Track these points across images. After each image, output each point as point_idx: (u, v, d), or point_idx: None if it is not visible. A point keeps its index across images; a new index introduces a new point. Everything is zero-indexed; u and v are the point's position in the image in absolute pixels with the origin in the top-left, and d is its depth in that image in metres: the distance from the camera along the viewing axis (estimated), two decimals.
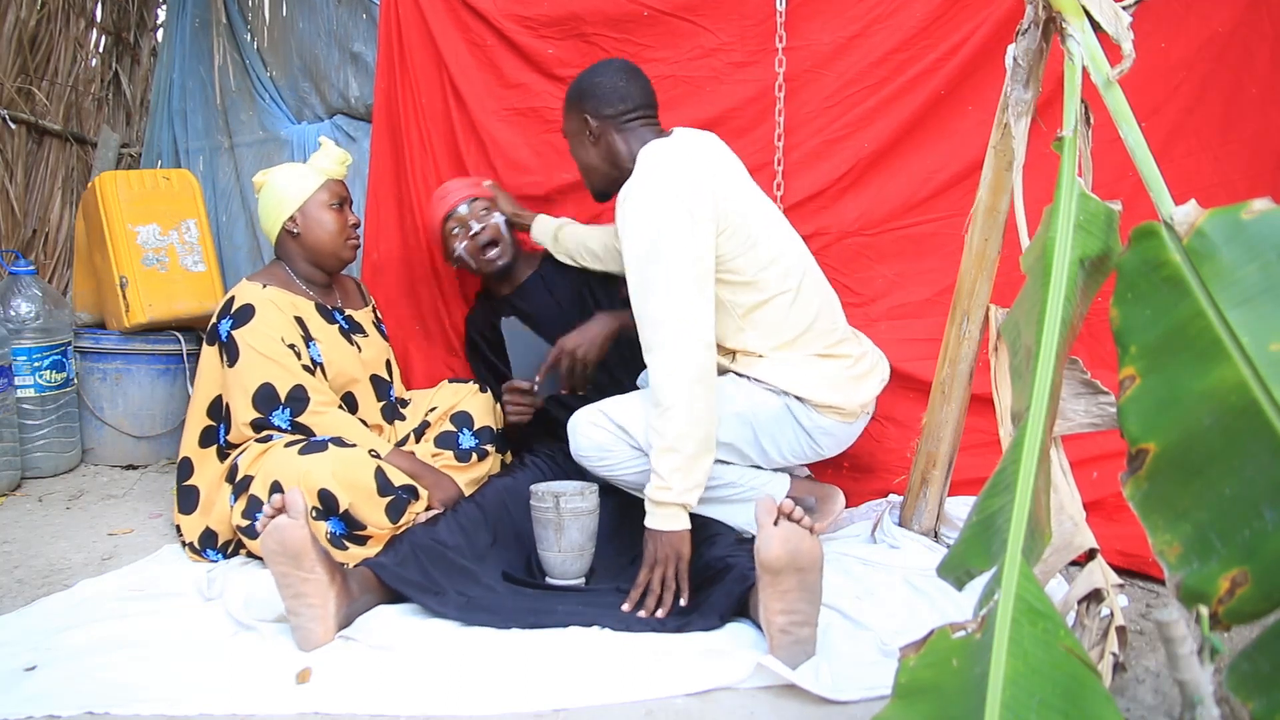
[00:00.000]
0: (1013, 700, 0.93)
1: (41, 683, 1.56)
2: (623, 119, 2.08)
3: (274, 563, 1.68)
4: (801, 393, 2.02)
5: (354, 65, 3.19)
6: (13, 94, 3.53)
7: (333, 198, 2.30)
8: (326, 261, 2.33)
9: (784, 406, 2.03)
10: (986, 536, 1.10)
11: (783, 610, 1.57)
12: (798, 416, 2.04)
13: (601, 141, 2.08)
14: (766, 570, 1.56)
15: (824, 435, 2.08)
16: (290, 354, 2.17)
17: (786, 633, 1.57)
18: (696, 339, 1.86)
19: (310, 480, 1.98)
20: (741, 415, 2.01)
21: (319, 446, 2.04)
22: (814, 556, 1.56)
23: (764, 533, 1.56)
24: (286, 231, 2.30)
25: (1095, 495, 2.09)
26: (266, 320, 2.19)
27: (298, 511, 1.67)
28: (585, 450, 2.04)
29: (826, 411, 2.05)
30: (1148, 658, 1.64)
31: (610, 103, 2.07)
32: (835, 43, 2.51)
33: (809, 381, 2.03)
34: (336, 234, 2.30)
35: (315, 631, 1.69)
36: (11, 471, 2.76)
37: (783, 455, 2.10)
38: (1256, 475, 1.01)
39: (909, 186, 2.50)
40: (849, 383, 2.08)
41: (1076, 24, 1.46)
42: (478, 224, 2.46)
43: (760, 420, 2.03)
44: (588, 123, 2.08)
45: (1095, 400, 1.38)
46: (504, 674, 1.60)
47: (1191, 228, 1.14)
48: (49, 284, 3.35)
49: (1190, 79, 2.31)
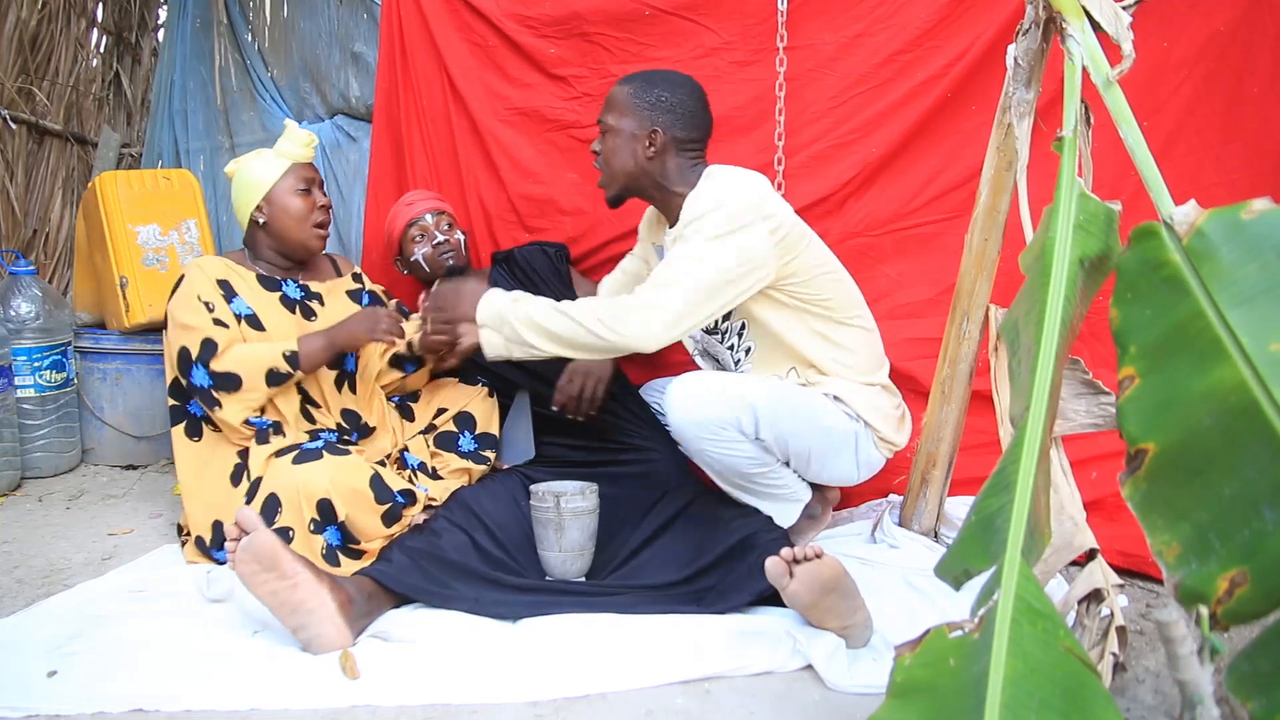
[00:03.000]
0: (1013, 700, 0.93)
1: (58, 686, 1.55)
2: (690, 145, 2.06)
3: (257, 583, 1.63)
4: (875, 422, 2.06)
5: (355, 65, 3.19)
6: (13, 94, 3.53)
7: (300, 181, 2.25)
8: (294, 251, 2.29)
9: (854, 433, 2.05)
10: (985, 536, 1.10)
11: (834, 618, 1.66)
12: (859, 445, 2.07)
13: (659, 157, 2.04)
14: (807, 609, 1.65)
15: (866, 469, 2.13)
16: (203, 310, 2.14)
17: (846, 627, 1.66)
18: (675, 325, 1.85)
19: (308, 490, 1.95)
20: (825, 428, 2.03)
21: (313, 455, 2.01)
22: (837, 575, 1.64)
23: (790, 589, 1.63)
24: (254, 222, 2.27)
25: (1095, 495, 2.09)
26: (188, 282, 2.18)
27: (255, 523, 1.65)
28: (689, 421, 1.95)
29: (882, 445, 2.10)
30: (1148, 658, 1.64)
31: (690, 127, 2.05)
32: (838, 42, 2.51)
33: (880, 414, 2.08)
34: (303, 218, 2.24)
35: (327, 633, 1.65)
36: (11, 471, 2.76)
37: (824, 476, 2.13)
38: (1256, 475, 1.01)
39: (912, 187, 2.50)
40: (898, 420, 2.15)
41: (1076, 24, 1.46)
42: (442, 235, 2.51)
43: (830, 440, 2.05)
44: (656, 134, 2.02)
45: (1095, 400, 1.38)
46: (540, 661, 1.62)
47: (1191, 228, 1.14)
48: (49, 284, 3.35)
49: (1192, 78, 2.31)
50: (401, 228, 2.54)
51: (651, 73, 2.14)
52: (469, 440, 2.37)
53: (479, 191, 2.79)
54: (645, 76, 2.10)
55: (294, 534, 1.95)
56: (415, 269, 2.55)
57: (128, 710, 1.48)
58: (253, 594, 1.65)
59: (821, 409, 2.02)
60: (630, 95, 2.05)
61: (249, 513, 1.67)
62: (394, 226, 2.56)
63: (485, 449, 2.37)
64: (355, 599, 1.73)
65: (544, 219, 2.75)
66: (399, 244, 2.56)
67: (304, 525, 1.95)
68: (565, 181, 2.71)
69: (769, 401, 1.94)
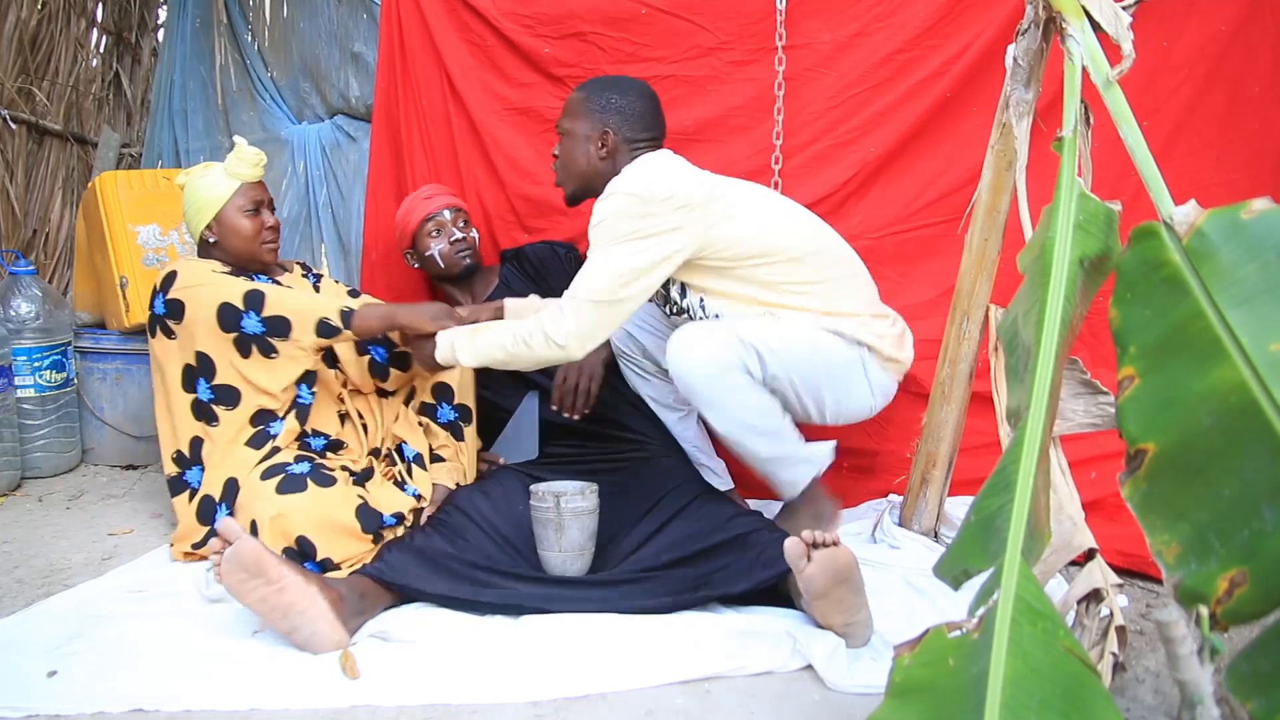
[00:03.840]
0: (1012, 700, 0.93)
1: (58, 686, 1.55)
2: (640, 145, 2.11)
3: (246, 592, 1.63)
4: (874, 343, 2.04)
5: (354, 65, 3.19)
6: (13, 94, 3.53)
7: (248, 203, 2.28)
8: (248, 265, 2.31)
9: (859, 358, 2.04)
10: (985, 536, 1.10)
11: (840, 613, 1.66)
12: (868, 369, 2.05)
13: (610, 158, 2.10)
14: (820, 598, 1.64)
15: (881, 393, 2.11)
16: (228, 277, 2.17)
17: (850, 624, 1.66)
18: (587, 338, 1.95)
19: (285, 526, 1.93)
20: (815, 364, 2.00)
21: (298, 485, 1.99)
22: (851, 565, 1.64)
23: (806, 572, 1.63)
24: (204, 240, 2.30)
25: (1094, 495, 2.09)
26: (188, 266, 2.20)
27: (237, 533, 1.64)
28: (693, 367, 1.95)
29: (890, 365, 2.08)
30: (1148, 658, 1.64)
31: (639, 128, 2.11)
32: (836, 41, 2.50)
33: (875, 335, 2.06)
34: (251, 239, 2.28)
35: (322, 631, 1.65)
36: (11, 471, 2.76)
37: (840, 413, 2.10)
38: (1256, 475, 1.01)
39: (912, 189, 2.50)
40: (897, 339, 2.12)
41: (1076, 24, 1.46)
42: (459, 233, 2.53)
43: (834, 370, 2.03)
44: (607, 135, 2.09)
45: (1094, 400, 1.38)
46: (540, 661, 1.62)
47: (1191, 228, 1.14)
48: (49, 284, 3.35)
49: (1192, 78, 2.31)
50: (418, 222, 2.54)
51: (605, 78, 2.23)
52: (448, 410, 2.37)
53: (479, 191, 2.80)
54: (599, 81, 2.20)
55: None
56: (429, 264, 2.56)
57: (128, 710, 1.48)
58: (242, 603, 1.65)
59: (817, 339, 2.02)
60: (583, 100, 2.14)
61: (231, 523, 1.67)
62: (409, 220, 2.56)
63: (464, 421, 2.37)
64: (346, 597, 1.73)
65: (543, 219, 2.75)
66: (413, 238, 2.56)
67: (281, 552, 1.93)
68: None
69: (766, 337, 1.96)
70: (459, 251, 2.52)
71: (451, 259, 2.53)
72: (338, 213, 3.19)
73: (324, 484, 2.02)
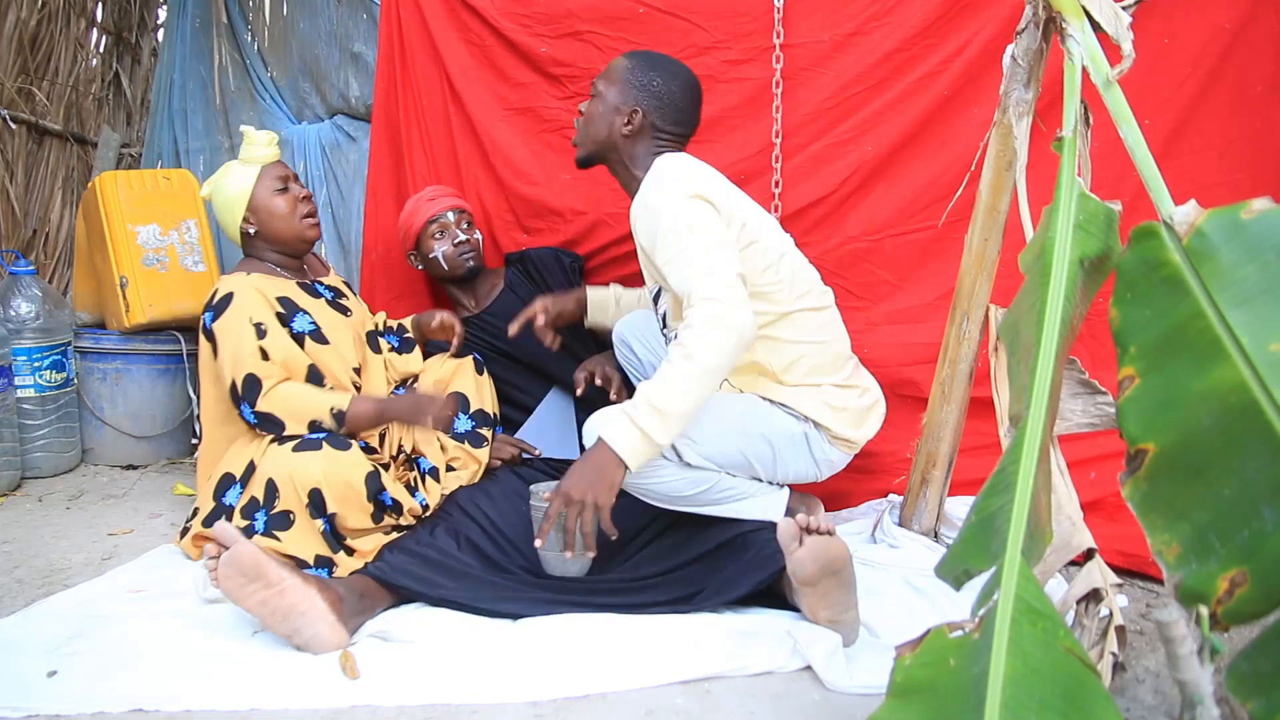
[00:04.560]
0: (1013, 700, 0.93)
1: (58, 686, 1.55)
2: (666, 135, 2.05)
3: (245, 595, 1.63)
4: (826, 420, 2.00)
5: (354, 65, 3.19)
6: (13, 94, 3.53)
7: (276, 181, 2.27)
8: (293, 246, 2.30)
9: (803, 434, 2.00)
10: (985, 536, 1.10)
11: (826, 607, 1.64)
12: (811, 444, 2.02)
13: (634, 137, 2.03)
14: (806, 584, 1.62)
15: (827, 466, 2.07)
16: (251, 335, 2.12)
17: (835, 622, 1.65)
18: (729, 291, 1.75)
19: (301, 477, 1.95)
20: (764, 435, 1.97)
21: (313, 445, 2.01)
22: (844, 556, 1.62)
23: (796, 555, 1.61)
24: (245, 234, 2.28)
25: (1095, 495, 2.09)
26: (239, 304, 2.15)
27: (234, 537, 1.64)
28: None
29: (838, 443, 2.03)
30: (1148, 658, 1.64)
31: (670, 120, 2.04)
32: (834, 40, 2.50)
33: (828, 411, 2.00)
34: (290, 215, 2.26)
35: (322, 632, 1.65)
36: (11, 471, 2.76)
37: (788, 476, 2.06)
38: (1256, 475, 1.01)
39: (912, 191, 2.48)
40: (859, 414, 2.05)
41: (1076, 24, 1.46)
42: (463, 234, 2.53)
43: (779, 443, 1.99)
44: (636, 114, 2.01)
45: (1094, 400, 1.38)
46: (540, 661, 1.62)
47: (1191, 228, 1.14)
48: (49, 284, 3.35)
49: (1195, 76, 2.30)
50: (422, 223, 2.54)
51: (656, 55, 2.11)
52: (464, 420, 2.37)
53: (478, 191, 2.80)
54: (649, 57, 2.09)
55: (295, 517, 1.96)
56: (432, 265, 2.56)
57: (128, 710, 1.48)
58: (242, 607, 1.65)
59: (757, 416, 1.97)
60: (626, 70, 2.05)
61: (227, 527, 1.67)
62: (413, 221, 2.56)
63: (482, 426, 2.37)
64: (346, 597, 1.73)
65: (541, 220, 2.75)
66: (416, 239, 2.56)
67: (303, 509, 1.96)
68: (560, 183, 2.71)
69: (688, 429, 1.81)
70: (462, 253, 2.53)
71: (455, 261, 2.53)
72: (338, 213, 3.20)
73: (339, 447, 2.03)
